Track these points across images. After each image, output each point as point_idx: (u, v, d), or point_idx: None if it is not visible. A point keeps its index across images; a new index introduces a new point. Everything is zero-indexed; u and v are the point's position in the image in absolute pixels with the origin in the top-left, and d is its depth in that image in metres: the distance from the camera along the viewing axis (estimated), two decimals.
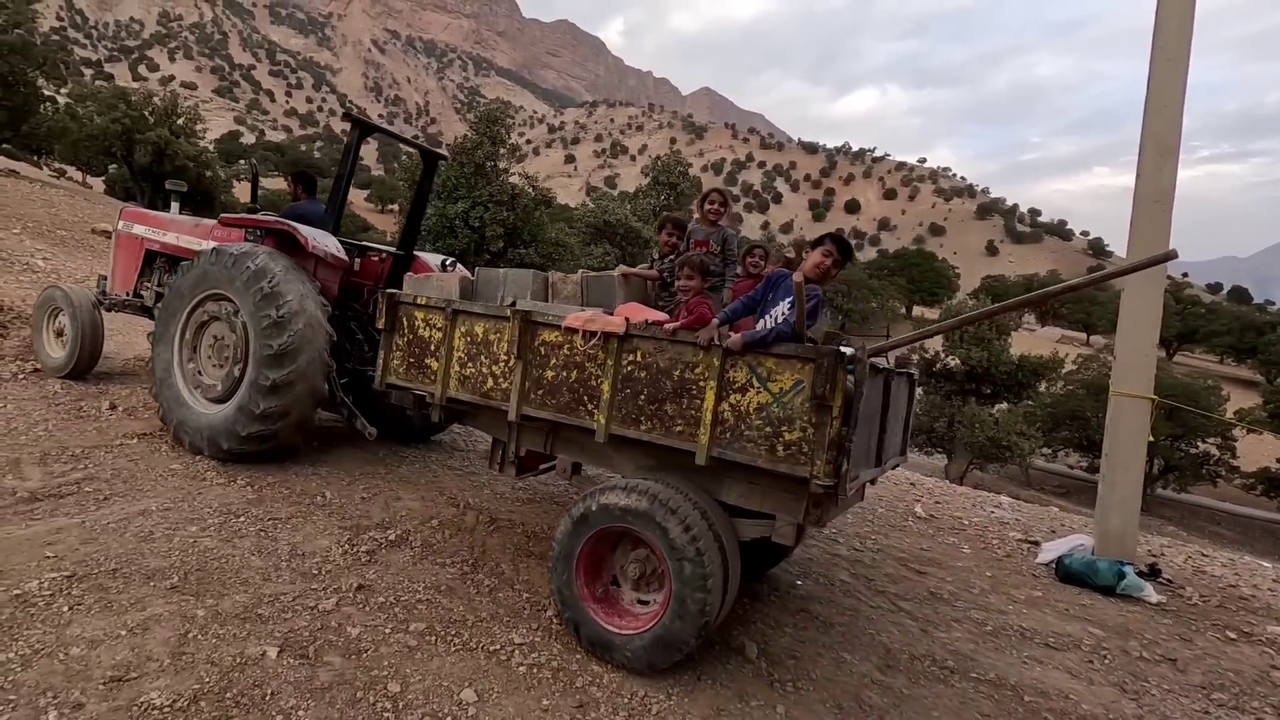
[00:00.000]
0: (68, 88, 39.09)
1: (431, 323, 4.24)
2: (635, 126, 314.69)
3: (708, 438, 3.21)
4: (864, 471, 3.36)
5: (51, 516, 3.78)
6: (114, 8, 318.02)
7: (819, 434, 2.99)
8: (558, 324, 3.65)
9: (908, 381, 4.23)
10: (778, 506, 3.33)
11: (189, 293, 5.26)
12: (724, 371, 3.20)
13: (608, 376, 3.48)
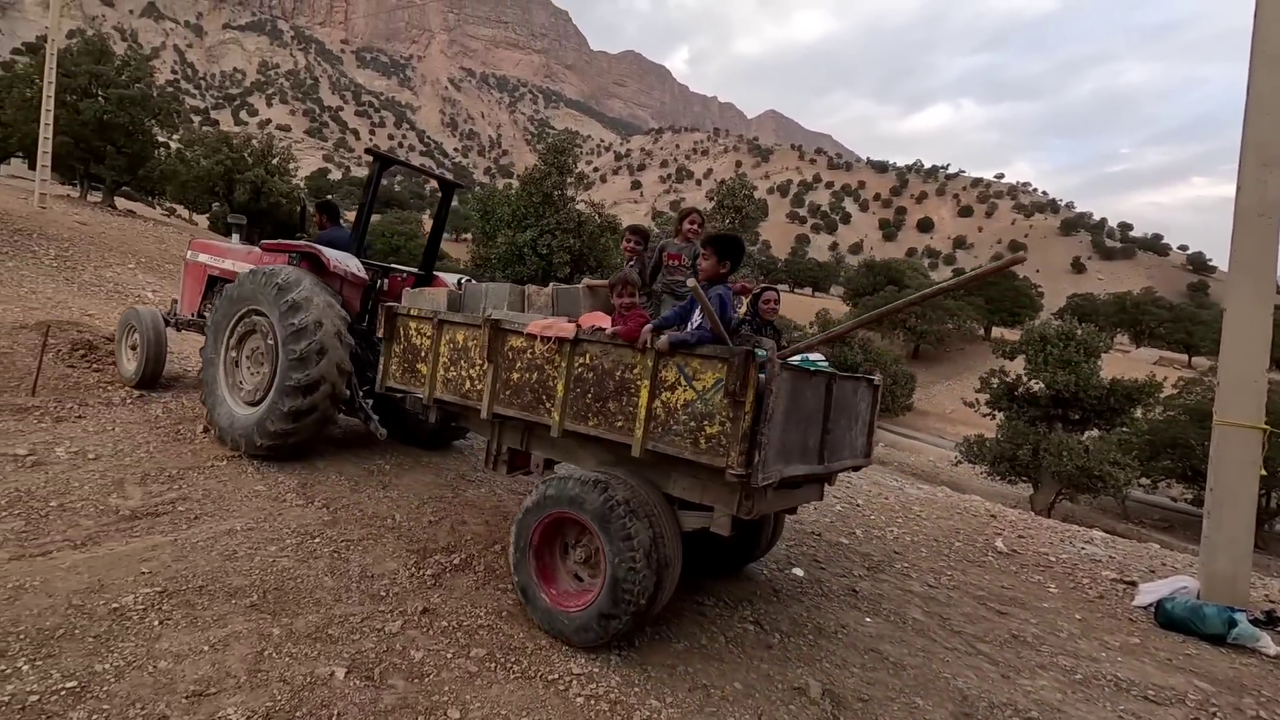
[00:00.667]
0: (178, 134, 42.73)
1: (422, 332, 4.70)
2: (700, 151, 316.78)
3: (642, 432, 3.54)
4: (792, 466, 3.59)
5: (148, 534, 4.05)
6: (220, 60, 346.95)
7: (734, 428, 3.28)
8: (522, 330, 4.08)
9: (868, 387, 4.51)
10: (715, 499, 3.61)
11: (231, 309, 5.90)
12: (657, 372, 3.53)
13: (562, 377, 3.88)
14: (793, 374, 3.51)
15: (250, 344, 5.89)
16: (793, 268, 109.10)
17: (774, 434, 3.31)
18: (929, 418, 48.66)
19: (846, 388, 4.16)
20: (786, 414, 3.44)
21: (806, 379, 3.71)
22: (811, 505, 7.67)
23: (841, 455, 4.21)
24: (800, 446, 3.70)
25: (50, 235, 20.65)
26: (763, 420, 3.23)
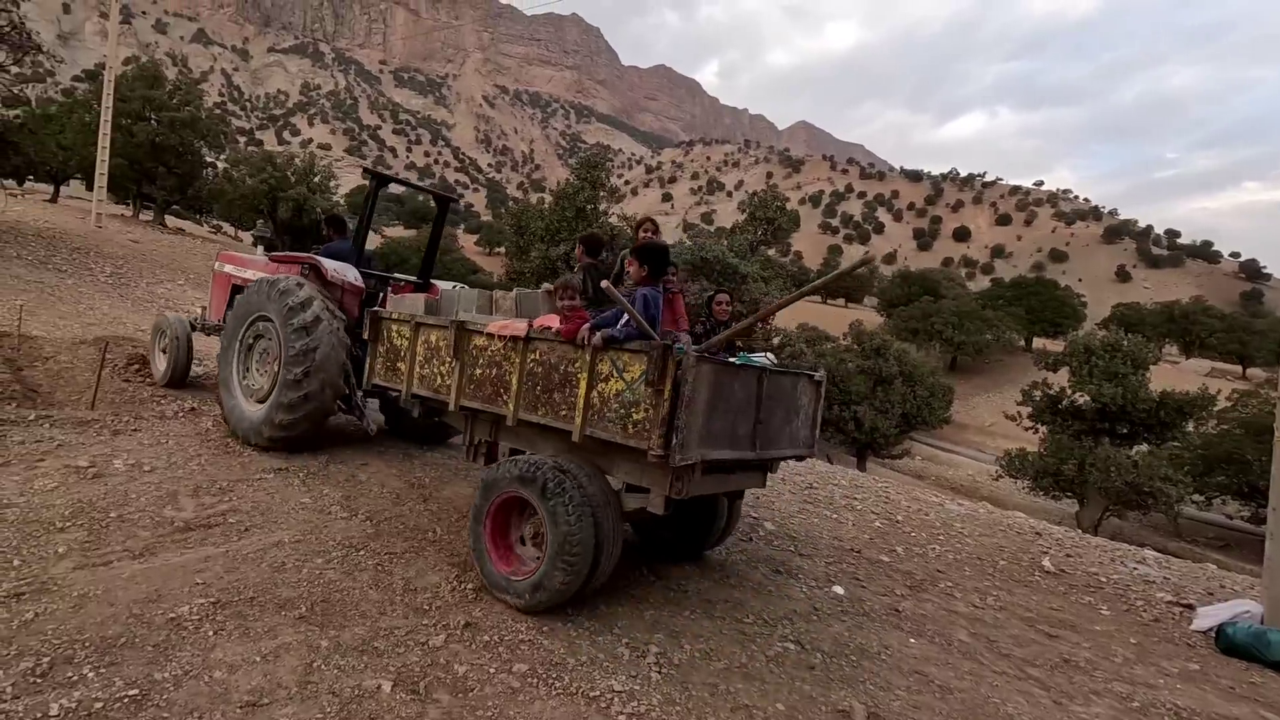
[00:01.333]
0: (225, 154, 44.36)
1: (401, 333, 5.24)
2: (731, 163, 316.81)
3: (581, 419, 3.94)
4: (718, 451, 3.95)
5: (201, 545, 4.17)
6: (264, 82, 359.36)
7: (655, 413, 3.64)
8: (483, 330, 4.56)
9: (809, 382, 4.84)
10: (651, 481, 3.98)
11: (242, 314, 6.46)
12: (593, 366, 3.92)
13: (516, 372, 4.31)
14: (714, 366, 3.83)
15: (260, 346, 6.42)
16: None
17: (693, 420, 3.67)
18: (967, 430, 47.57)
19: (782, 382, 4.53)
20: (709, 403, 3.80)
21: (732, 372, 4.06)
22: (849, 522, 7.57)
23: (779, 445, 4.57)
24: (728, 433, 4.04)
25: (106, 253, 21.54)
26: (679, 406, 3.58)
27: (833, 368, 32.07)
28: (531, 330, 4.29)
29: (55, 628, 3.10)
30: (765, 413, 4.30)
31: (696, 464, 3.84)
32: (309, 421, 6.05)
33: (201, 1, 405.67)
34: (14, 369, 7.56)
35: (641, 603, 4.43)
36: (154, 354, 8.22)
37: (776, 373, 4.47)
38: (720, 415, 3.92)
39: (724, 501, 5.22)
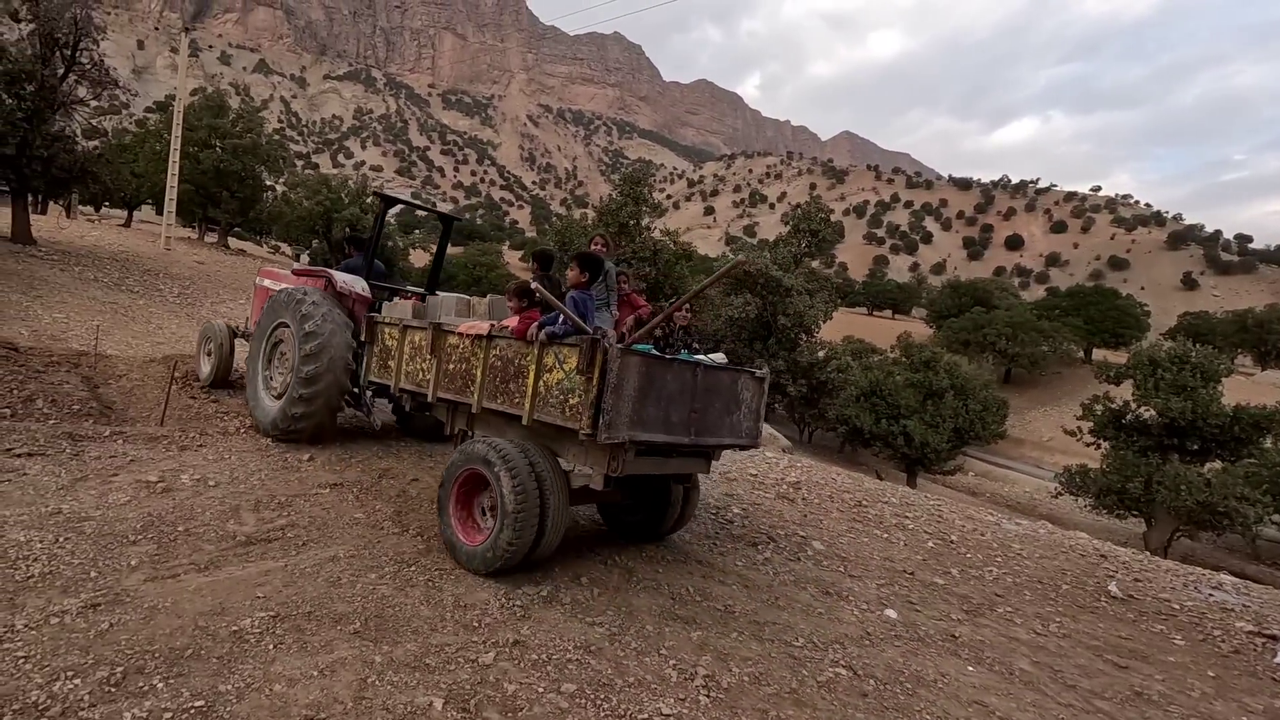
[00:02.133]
0: (284, 178, 46.30)
1: (391, 335, 5.97)
2: (774, 175, 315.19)
3: (530, 405, 4.54)
4: (649, 434, 4.42)
5: (262, 559, 4.31)
6: (320, 108, 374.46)
7: (585, 397, 4.18)
8: (454, 330, 5.23)
9: (752, 379, 5.34)
10: (593, 462, 4.50)
11: (267, 321, 7.28)
12: (540, 358, 4.52)
13: (480, 366, 4.93)
14: (642, 358, 4.35)
15: (280, 350, 7.19)
16: (871, 289, 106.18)
17: (621, 404, 4.18)
18: (1024, 446, 45.89)
19: (720, 376, 5.02)
20: (640, 390, 4.31)
21: (663, 364, 4.56)
22: (901, 542, 7.37)
23: (719, 434, 5.07)
24: (660, 419, 4.52)
25: (174, 274, 22.66)
26: (605, 391, 4.09)
27: (880, 381, 31.41)
28: (493, 330, 4.98)
29: (128, 638, 3.24)
30: (702, 403, 4.82)
31: (627, 444, 4.36)
32: (319, 415, 6.74)
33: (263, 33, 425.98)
34: (91, 387, 7.98)
35: (689, 624, 4.39)
36: (200, 357, 9.04)
37: (713, 368, 4.98)
38: (652, 402, 4.43)
39: (678, 489, 5.73)
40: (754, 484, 9.32)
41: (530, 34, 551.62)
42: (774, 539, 6.72)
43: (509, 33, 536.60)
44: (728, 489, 8.70)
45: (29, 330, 10.82)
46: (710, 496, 8.03)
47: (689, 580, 5.15)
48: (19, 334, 10.24)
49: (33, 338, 10.21)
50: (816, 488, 9.61)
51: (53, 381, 7.74)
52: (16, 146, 20.30)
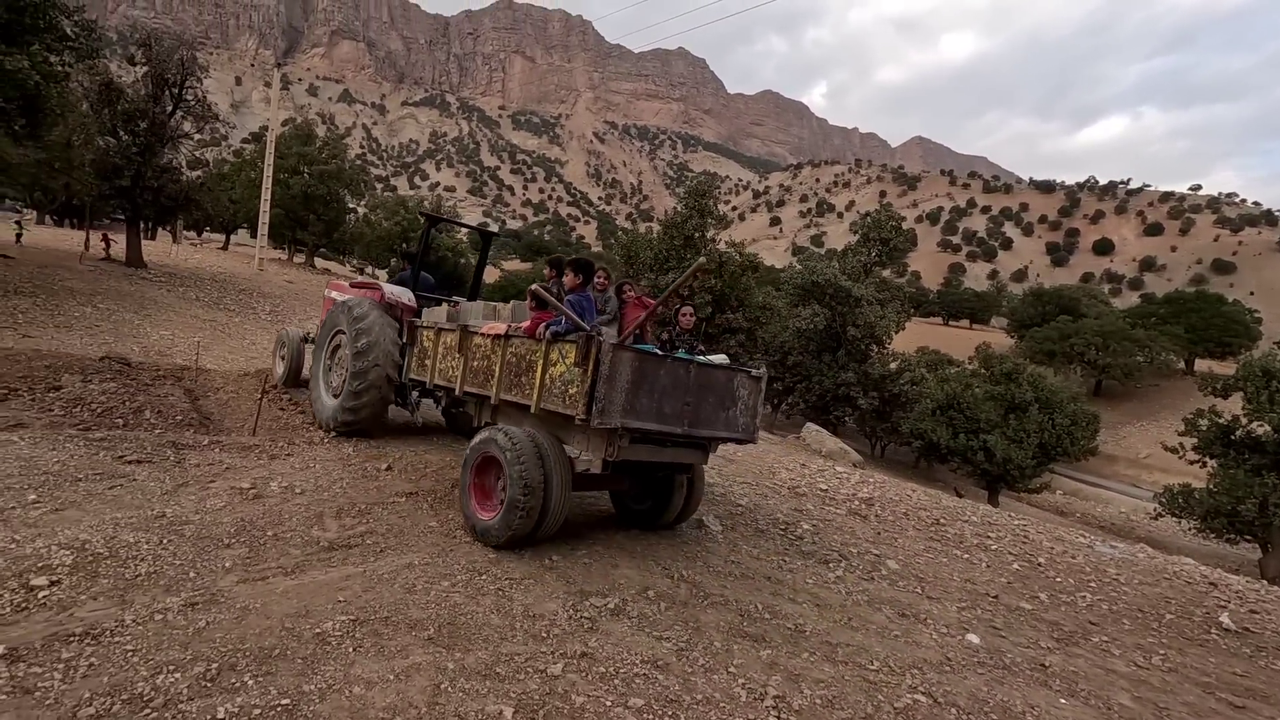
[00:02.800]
0: (365, 200, 48.77)
1: (428, 337, 6.79)
2: (841, 183, 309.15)
3: (537, 395, 5.12)
4: (641, 422, 4.88)
5: (343, 564, 4.50)
6: (398, 133, 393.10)
7: (581, 387, 4.70)
8: (478, 331, 5.96)
9: (748, 378, 5.74)
10: (592, 448, 5.00)
11: (327, 329, 8.18)
12: (547, 354, 5.08)
13: (498, 362, 5.59)
14: (636, 354, 4.85)
15: (338, 354, 7.94)
16: (946, 299, 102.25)
17: (613, 394, 4.69)
18: (1117, 463, 42.98)
19: (715, 374, 5.45)
20: (632, 382, 4.80)
21: (656, 360, 5.03)
22: (983, 563, 7.01)
23: (713, 427, 5.47)
24: (653, 410, 4.97)
25: (266, 293, 24.12)
26: (599, 381, 4.59)
27: (957, 394, 30.12)
28: (509, 330, 5.61)
29: (222, 636, 3.43)
30: (695, 398, 5.26)
31: (620, 431, 4.82)
32: (369, 411, 7.54)
33: (347, 65, 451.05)
34: (192, 399, 8.57)
35: (758, 642, 4.29)
36: (275, 360, 10.09)
37: (707, 365, 5.43)
38: (645, 394, 4.92)
39: (681, 479, 6.15)
40: (824, 499, 9.08)
41: (596, 53, 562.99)
42: (846, 557, 6.52)
43: (575, 53, 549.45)
44: (796, 504, 8.51)
45: (139, 346, 11.73)
46: (779, 512, 7.87)
47: (758, 597, 5.04)
48: (131, 350, 11.12)
49: (143, 353, 11.06)
50: (890, 504, 9.28)
51: (159, 394, 8.35)
52: (131, 178, 22.16)
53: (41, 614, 3.39)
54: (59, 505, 4.75)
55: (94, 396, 7.64)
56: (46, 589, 3.60)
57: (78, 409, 7.26)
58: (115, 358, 9.60)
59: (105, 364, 9.16)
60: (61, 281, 16.93)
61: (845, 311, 30.17)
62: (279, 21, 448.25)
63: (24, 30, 13.55)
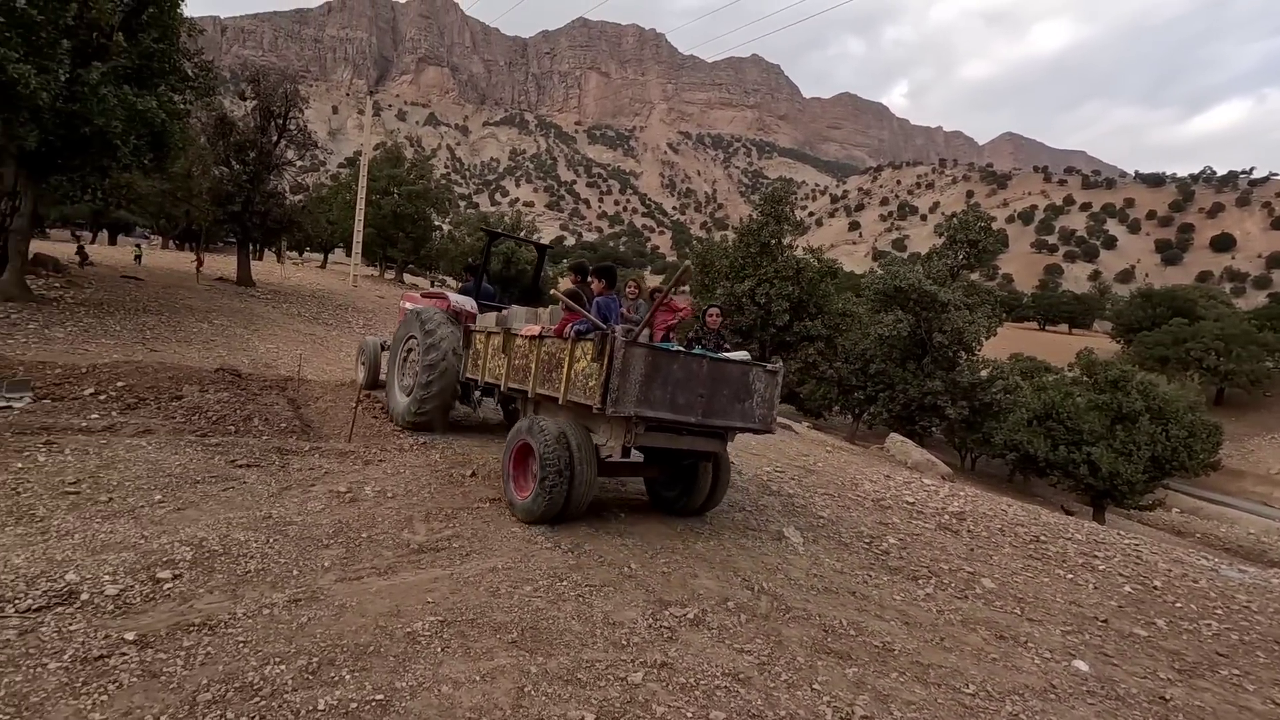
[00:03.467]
0: (449, 217, 50.92)
1: (480, 340, 7.52)
2: (925, 185, 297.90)
3: (564, 388, 5.69)
4: (656, 412, 5.36)
5: (431, 566, 4.66)
6: (480, 152, 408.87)
7: (599, 379, 5.22)
8: (518, 333, 6.63)
9: (765, 372, 6.11)
10: (613, 435, 5.59)
11: (401, 335, 9.13)
12: (573, 351, 5.68)
13: (534, 360, 6.26)
14: (649, 350, 5.37)
15: (410, 357, 8.82)
16: (1042, 302, 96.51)
17: (627, 385, 5.18)
18: (1244, 479, 39.19)
19: (730, 368, 5.87)
20: (646, 375, 5.28)
21: (670, 355, 5.52)
22: (1090, 584, 6.55)
23: (728, 417, 5.87)
24: (667, 400, 5.43)
25: (359, 308, 25.49)
26: (613, 374, 5.11)
27: (1056, 403, 28.32)
28: (542, 331, 6.26)
29: (322, 631, 3.62)
30: (709, 390, 5.68)
31: (634, 419, 5.31)
32: (436, 407, 8.37)
33: (432, 90, 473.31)
34: (295, 408, 9.15)
35: (843, 659, 4.15)
36: (357, 366, 11.19)
37: (721, 360, 5.88)
38: (658, 386, 5.38)
39: (707, 468, 6.55)
40: (911, 513, 8.71)
41: (669, 65, 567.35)
42: (936, 573, 6.22)
43: (649, 66, 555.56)
44: (881, 517, 8.20)
45: (248, 359, 12.64)
46: (862, 525, 7.61)
47: (842, 612, 4.88)
48: (241, 362, 11.99)
49: (251, 365, 11.90)
50: (984, 519, 8.80)
51: (266, 403, 8.95)
52: (242, 204, 24.00)
53: (166, 604, 3.68)
54: (180, 505, 5.17)
55: (210, 405, 8.27)
56: (170, 581, 3.91)
57: (196, 416, 7.89)
58: (228, 369, 10.38)
59: (219, 375, 9.91)
60: (182, 300, 18.50)
61: (930, 317, 28.94)
62: (371, 52, 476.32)
63: (152, 74, 14.94)
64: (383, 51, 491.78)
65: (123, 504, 5.04)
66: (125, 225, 57.08)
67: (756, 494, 8.30)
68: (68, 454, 5.93)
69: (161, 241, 53.32)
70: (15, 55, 11.72)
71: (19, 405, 7.22)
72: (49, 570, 3.84)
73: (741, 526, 6.76)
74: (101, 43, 13.85)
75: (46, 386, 8.04)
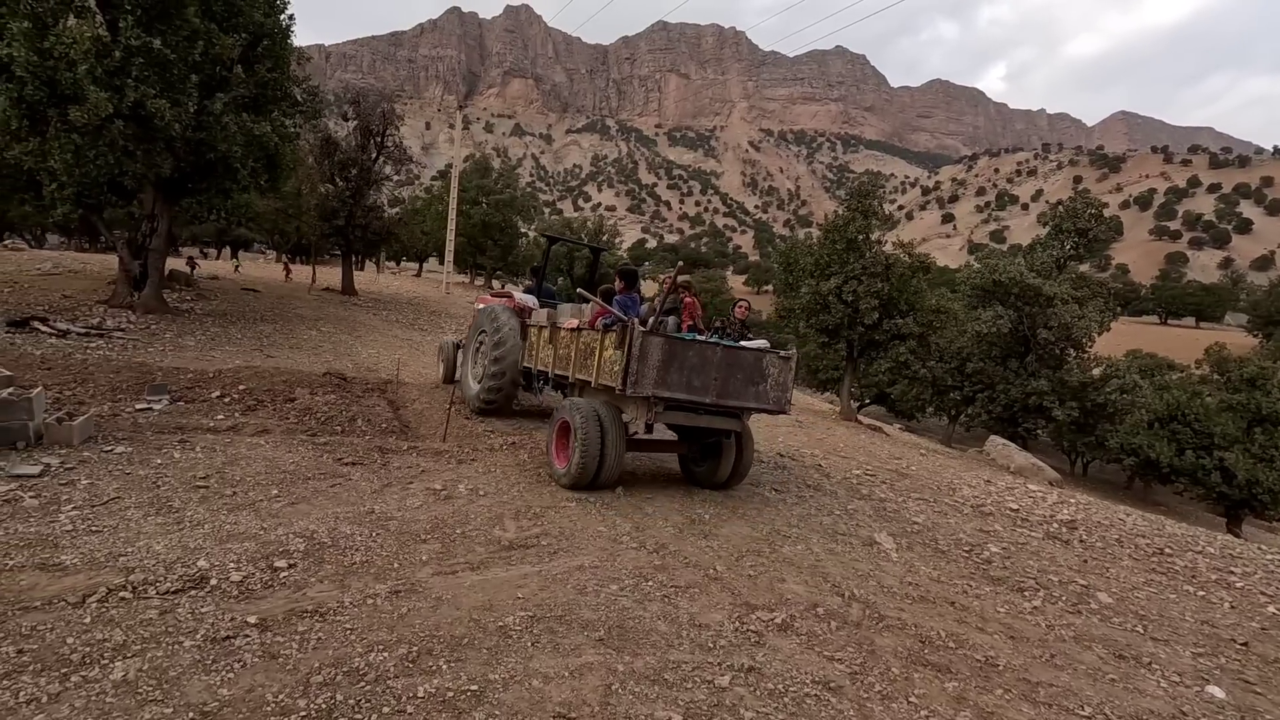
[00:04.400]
0: (534, 224, 52.37)
1: (535, 333, 8.59)
2: (1026, 172, 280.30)
3: (596, 373, 6.57)
4: (672, 392, 6.17)
5: (521, 563, 4.80)
6: (563, 159, 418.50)
7: (621, 365, 6.08)
8: (561, 326, 7.72)
9: (778, 359, 6.77)
10: (637, 413, 6.36)
11: (473, 330, 10.32)
12: (603, 341, 6.52)
13: (574, 348, 7.23)
14: (665, 338, 6.19)
15: (482, 349, 9.82)
16: (1163, 294, 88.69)
17: (645, 369, 6.01)
18: None
19: (743, 355, 6.58)
20: (663, 361, 6.08)
21: (685, 343, 6.31)
22: (1226, 603, 5.96)
23: (742, 399, 6.58)
24: (683, 383, 6.21)
25: (452, 314, 26.59)
26: (632, 359, 5.96)
27: (1182, 403, 25.99)
28: (580, 324, 7.30)
29: (420, 622, 3.79)
30: (723, 374, 6.41)
31: (653, 399, 6.15)
32: (503, 393, 9.37)
33: (517, 101, 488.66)
34: (394, 409, 9.66)
35: (942, 672, 3.95)
36: (436, 363, 12.77)
37: (734, 347, 6.62)
38: (675, 370, 6.17)
39: (729, 443, 7.25)
40: (1015, 520, 8.20)
41: (750, 63, 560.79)
42: (1045, 585, 5.82)
43: (729, 65, 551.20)
44: (981, 524, 7.77)
45: (352, 363, 13.45)
46: (961, 531, 7.23)
47: (940, 623, 4.65)
48: (346, 366, 12.78)
49: (355, 369, 12.67)
50: (1098, 529, 8.17)
51: (368, 405, 9.50)
52: (345, 218, 25.58)
53: (283, 591, 3.96)
54: (294, 500, 5.56)
55: (319, 407, 8.86)
56: (286, 570, 4.21)
57: (307, 417, 8.47)
58: (334, 374, 11.08)
59: (327, 379, 10.59)
60: (294, 309, 19.92)
61: (1034, 312, 27.16)
62: (460, 69, 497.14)
63: (266, 101, 16.20)
64: (471, 67, 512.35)
65: (245, 498, 5.47)
66: (245, 242, 62.14)
67: (846, 497, 8.06)
68: (198, 451, 6.50)
69: (275, 256, 57.65)
70: (153, 91, 13.00)
71: (158, 407, 7.98)
72: (184, 557, 4.22)
73: (830, 531, 6.57)
74: (223, 75, 15.13)
75: (180, 390, 8.85)
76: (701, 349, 6.35)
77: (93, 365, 9.60)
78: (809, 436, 13.68)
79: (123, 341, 12.05)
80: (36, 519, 4.57)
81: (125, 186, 14.75)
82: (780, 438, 12.56)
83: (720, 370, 6.36)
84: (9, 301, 13.88)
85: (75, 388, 8.32)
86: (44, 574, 3.87)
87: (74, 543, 4.30)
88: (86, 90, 12.24)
